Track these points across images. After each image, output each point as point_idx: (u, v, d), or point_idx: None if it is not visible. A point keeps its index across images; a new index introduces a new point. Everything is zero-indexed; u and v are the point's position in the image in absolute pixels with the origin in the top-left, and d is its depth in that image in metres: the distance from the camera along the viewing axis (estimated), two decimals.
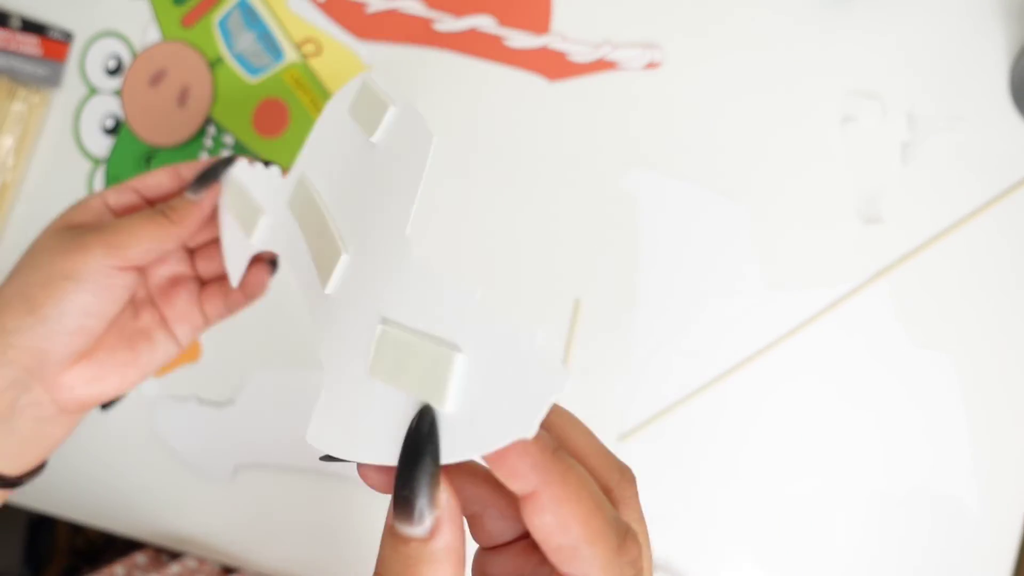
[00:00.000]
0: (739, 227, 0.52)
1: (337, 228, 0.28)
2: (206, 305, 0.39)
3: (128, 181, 0.37)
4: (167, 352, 0.38)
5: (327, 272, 0.27)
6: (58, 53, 0.57)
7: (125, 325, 0.37)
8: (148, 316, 0.38)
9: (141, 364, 0.37)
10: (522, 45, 0.54)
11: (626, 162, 0.53)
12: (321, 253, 0.28)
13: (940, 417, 0.50)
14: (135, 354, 0.37)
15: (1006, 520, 0.50)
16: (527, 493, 0.19)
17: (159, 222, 0.35)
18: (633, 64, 0.53)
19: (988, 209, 0.50)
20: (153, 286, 0.38)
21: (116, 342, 0.36)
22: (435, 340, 0.21)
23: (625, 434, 0.53)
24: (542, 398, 0.18)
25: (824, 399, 0.51)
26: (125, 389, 0.37)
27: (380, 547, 0.20)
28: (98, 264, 0.33)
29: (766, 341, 0.52)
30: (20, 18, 0.57)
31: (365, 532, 0.55)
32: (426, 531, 0.19)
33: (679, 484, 0.52)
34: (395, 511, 0.19)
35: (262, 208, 0.35)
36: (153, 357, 0.37)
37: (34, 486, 0.59)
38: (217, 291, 0.39)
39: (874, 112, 0.51)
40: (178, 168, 0.37)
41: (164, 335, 0.38)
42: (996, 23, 0.50)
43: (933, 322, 0.51)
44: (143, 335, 0.37)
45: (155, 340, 0.38)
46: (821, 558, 0.51)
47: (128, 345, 0.37)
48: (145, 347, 0.37)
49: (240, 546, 0.57)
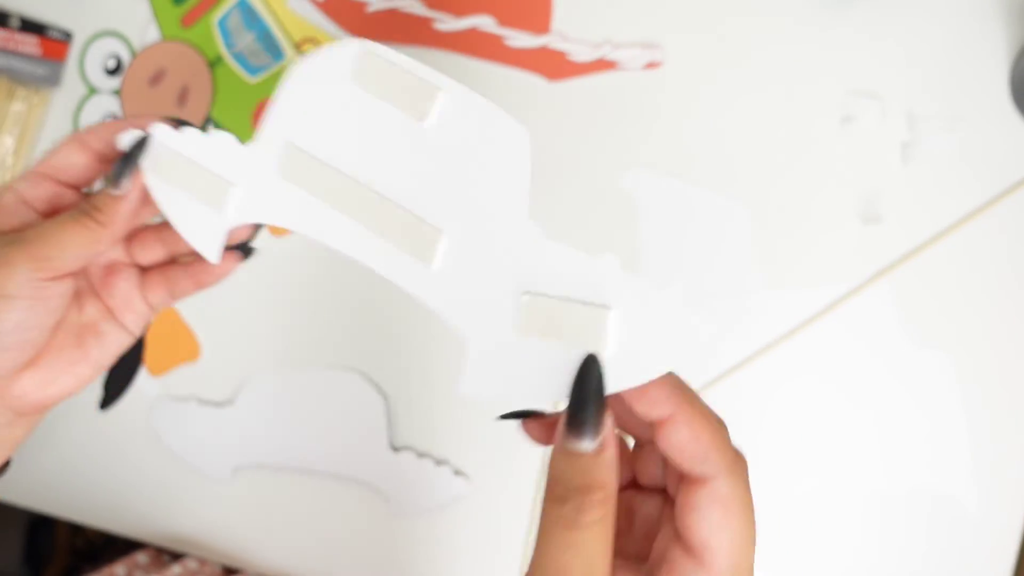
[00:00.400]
0: (739, 226, 0.52)
1: (409, 208, 0.30)
2: (148, 295, 0.37)
3: (37, 166, 0.34)
4: (119, 342, 0.36)
5: (423, 250, 0.29)
6: (58, 53, 0.57)
7: (71, 323, 0.35)
8: (93, 308, 0.36)
9: (92, 360, 0.35)
10: (522, 45, 0.54)
11: (626, 162, 0.53)
12: (397, 231, 0.30)
13: (940, 417, 0.50)
14: (84, 351, 0.35)
15: (1006, 521, 0.50)
16: (664, 418, 0.25)
17: (86, 225, 0.32)
18: (633, 64, 0.53)
19: (988, 209, 0.50)
20: (93, 277, 0.36)
21: (63, 342, 0.35)
22: (583, 302, 0.27)
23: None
24: (689, 337, 0.25)
25: (824, 399, 0.51)
26: (80, 386, 0.35)
27: (552, 464, 0.25)
28: (26, 279, 0.31)
29: (766, 341, 0.52)
30: (19, 18, 0.57)
31: (365, 532, 0.55)
32: (596, 446, 0.24)
33: None
34: (570, 433, 0.24)
35: (230, 179, 0.33)
36: (105, 351, 0.36)
37: (33, 486, 0.59)
38: (159, 280, 0.37)
39: (874, 112, 0.51)
40: (83, 139, 0.34)
41: (112, 326, 0.36)
42: (996, 23, 0.50)
43: (933, 322, 0.51)
44: (90, 330, 0.36)
45: (104, 333, 0.36)
46: (821, 558, 0.51)
47: (76, 343, 0.35)
48: (94, 342, 0.36)
49: (240, 546, 0.57)
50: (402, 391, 0.55)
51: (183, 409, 0.57)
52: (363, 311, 0.55)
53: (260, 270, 0.56)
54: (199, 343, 0.57)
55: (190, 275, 0.37)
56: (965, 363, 0.50)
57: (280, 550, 0.56)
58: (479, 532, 0.54)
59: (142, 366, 0.57)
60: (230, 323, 0.57)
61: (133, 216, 0.34)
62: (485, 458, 0.54)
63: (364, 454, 0.55)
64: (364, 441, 0.55)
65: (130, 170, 0.33)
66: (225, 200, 0.33)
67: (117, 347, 0.36)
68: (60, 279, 0.33)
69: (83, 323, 0.36)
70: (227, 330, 0.57)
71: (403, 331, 0.55)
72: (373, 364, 0.55)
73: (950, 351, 0.50)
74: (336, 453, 0.55)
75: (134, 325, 0.37)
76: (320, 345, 0.56)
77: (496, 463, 0.54)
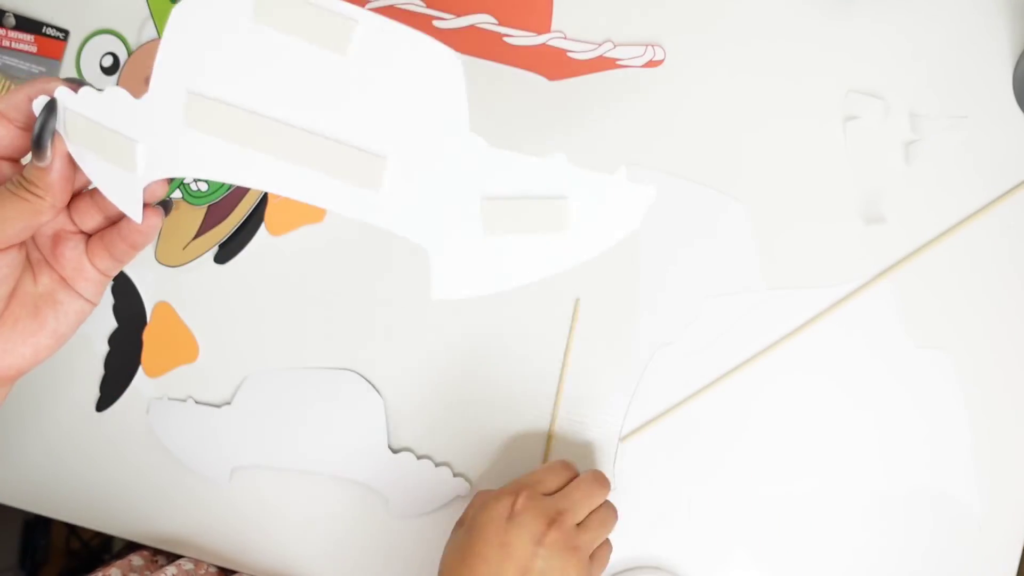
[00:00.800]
0: (740, 226, 0.52)
1: (344, 140, 0.30)
2: (94, 260, 0.37)
3: None
4: (79, 311, 0.37)
5: (369, 178, 0.30)
6: (54, 51, 0.57)
7: (27, 295, 0.36)
8: (47, 279, 0.37)
9: (50, 329, 0.36)
10: (522, 43, 0.54)
11: (626, 161, 0.53)
12: (335, 163, 0.30)
13: (942, 418, 0.50)
14: (40, 321, 0.36)
15: (1008, 522, 0.50)
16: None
17: (23, 197, 0.33)
18: (634, 62, 0.53)
19: (991, 208, 0.50)
20: (43, 248, 0.37)
21: (19, 312, 0.35)
22: (541, 198, 0.29)
23: (625, 434, 0.52)
24: (641, 202, 0.29)
25: (825, 400, 0.51)
26: (42, 356, 0.36)
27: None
28: None
29: (767, 341, 0.51)
30: (15, 15, 0.57)
31: (364, 533, 0.55)
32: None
33: (679, 484, 0.52)
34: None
35: (133, 137, 0.32)
36: (63, 320, 0.36)
37: (29, 487, 0.59)
38: (99, 244, 0.37)
39: (877, 111, 0.51)
40: (1, 111, 0.34)
41: (68, 295, 0.37)
42: (1000, 21, 0.50)
43: (935, 322, 0.50)
44: (46, 300, 0.36)
45: (60, 302, 0.36)
46: (821, 559, 0.51)
47: (32, 313, 0.36)
48: (50, 312, 0.36)
49: (237, 548, 0.56)
50: (402, 391, 0.54)
51: (181, 410, 0.56)
52: (362, 311, 0.55)
53: (259, 270, 0.56)
54: (198, 344, 0.56)
55: (122, 236, 0.36)
56: (967, 363, 0.50)
57: (278, 552, 0.56)
58: None
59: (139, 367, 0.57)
60: (229, 324, 0.56)
61: (67, 183, 0.34)
62: (485, 459, 0.54)
63: (363, 455, 0.54)
64: (363, 442, 0.54)
65: (46, 138, 0.33)
66: (134, 158, 0.32)
67: (75, 316, 0.37)
68: (5, 251, 0.34)
69: (39, 294, 0.36)
70: (226, 331, 0.56)
71: (403, 331, 0.55)
72: (372, 364, 0.55)
73: (952, 351, 0.50)
74: (335, 454, 0.55)
75: (89, 292, 0.37)
76: (319, 345, 0.55)
77: (496, 464, 0.54)
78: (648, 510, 0.52)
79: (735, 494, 0.52)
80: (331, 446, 0.55)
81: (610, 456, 0.53)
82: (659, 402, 0.52)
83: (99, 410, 0.58)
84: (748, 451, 0.52)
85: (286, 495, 0.56)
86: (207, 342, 0.57)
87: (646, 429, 0.52)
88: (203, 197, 0.55)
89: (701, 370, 0.52)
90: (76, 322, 0.37)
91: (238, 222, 0.55)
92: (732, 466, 0.52)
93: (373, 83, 0.29)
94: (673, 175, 0.53)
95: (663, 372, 0.52)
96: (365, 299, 0.55)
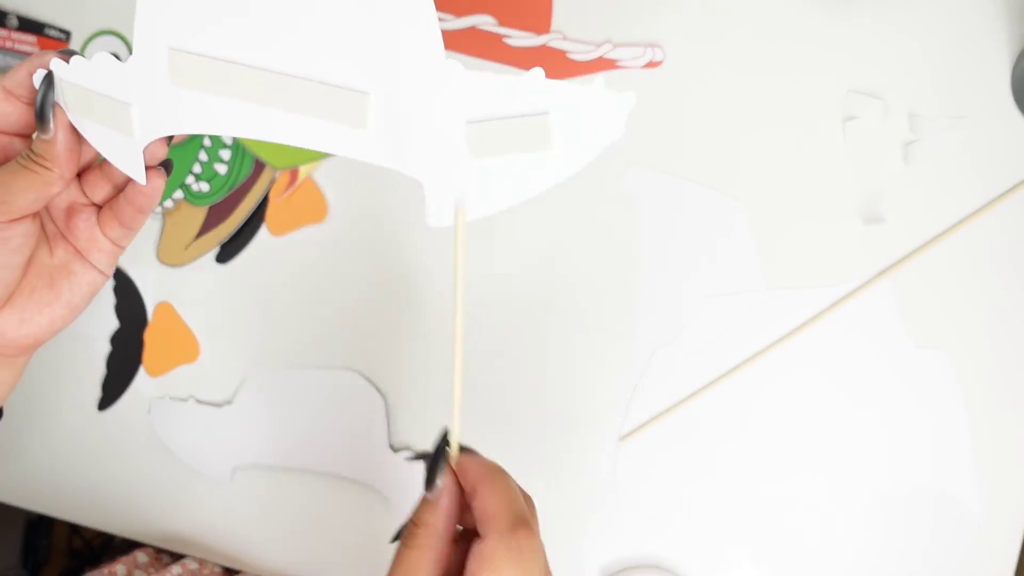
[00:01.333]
0: (740, 226, 0.52)
1: (324, 80, 0.30)
2: (105, 230, 0.38)
3: None
4: (92, 282, 0.38)
5: (353, 116, 0.30)
6: None
7: (43, 266, 0.37)
8: (62, 250, 0.38)
9: (64, 300, 0.37)
10: (522, 44, 0.54)
11: (626, 161, 0.53)
12: (319, 105, 0.30)
13: (942, 418, 0.50)
14: (56, 292, 0.37)
15: (1008, 522, 0.50)
16: (470, 492, 0.31)
17: (33, 170, 0.34)
18: (633, 63, 0.53)
19: (990, 208, 0.50)
20: (57, 220, 0.38)
21: (35, 283, 0.37)
22: (523, 115, 0.29)
23: (625, 434, 0.52)
24: (621, 110, 0.29)
25: (825, 399, 0.51)
26: (57, 327, 0.38)
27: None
28: None
29: (767, 341, 0.51)
30: (17, 16, 0.57)
31: (364, 532, 0.55)
32: (434, 497, 0.32)
33: (679, 484, 0.52)
34: (425, 486, 0.32)
35: (126, 100, 0.33)
36: (77, 291, 0.38)
37: (31, 487, 0.59)
38: (109, 214, 0.38)
39: (876, 111, 0.51)
40: (5, 87, 0.35)
41: (82, 266, 0.38)
42: (999, 22, 0.50)
43: (935, 322, 0.50)
44: (62, 271, 0.38)
45: (74, 273, 0.38)
46: (821, 559, 0.51)
47: (48, 284, 0.37)
48: (65, 283, 0.38)
49: (239, 547, 0.56)
50: (401, 391, 0.55)
51: (182, 409, 0.56)
52: (362, 311, 0.55)
53: (260, 270, 0.56)
54: (198, 343, 0.57)
55: (129, 201, 0.37)
56: (967, 363, 0.50)
57: (279, 550, 0.56)
58: None
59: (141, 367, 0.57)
60: (230, 324, 0.57)
61: (72, 154, 0.35)
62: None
63: (363, 454, 0.54)
64: (363, 441, 0.54)
65: (48, 110, 0.34)
66: (129, 121, 0.33)
67: (89, 287, 0.38)
68: (20, 221, 0.35)
69: (55, 265, 0.38)
70: (227, 331, 0.57)
71: (402, 331, 0.55)
72: (372, 364, 0.55)
73: (952, 351, 0.50)
74: (335, 453, 0.55)
75: (102, 264, 0.38)
76: (319, 345, 0.55)
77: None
78: (648, 510, 0.52)
79: (735, 494, 0.52)
80: (331, 445, 0.55)
81: (610, 456, 0.53)
82: (659, 402, 0.52)
83: (101, 409, 0.58)
84: (748, 451, 0.52)
85: (286, 494, 0.56)
86: (208, 342, 0.57)
87: (646, 429, 0.52)
88: (204, 197, 0.56)
89: (701, 370, 0.52)
90: (89, 293, 0.39)
91: (239, 222, 0.56)
92: (732, 466, 0.52)
93: (340, 19, 0.30)
94: (673, 175, 0.53)
95: (663, 372, 0.52)
96: (366, 298, 0.55)
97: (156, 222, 0.57)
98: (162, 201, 0.56)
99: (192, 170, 0.56)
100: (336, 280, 0.55)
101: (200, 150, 0.56)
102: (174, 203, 0.56)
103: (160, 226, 0.57)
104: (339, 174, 0.55)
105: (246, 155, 0.55)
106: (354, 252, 0.55)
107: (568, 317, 0.53)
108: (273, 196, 0.56)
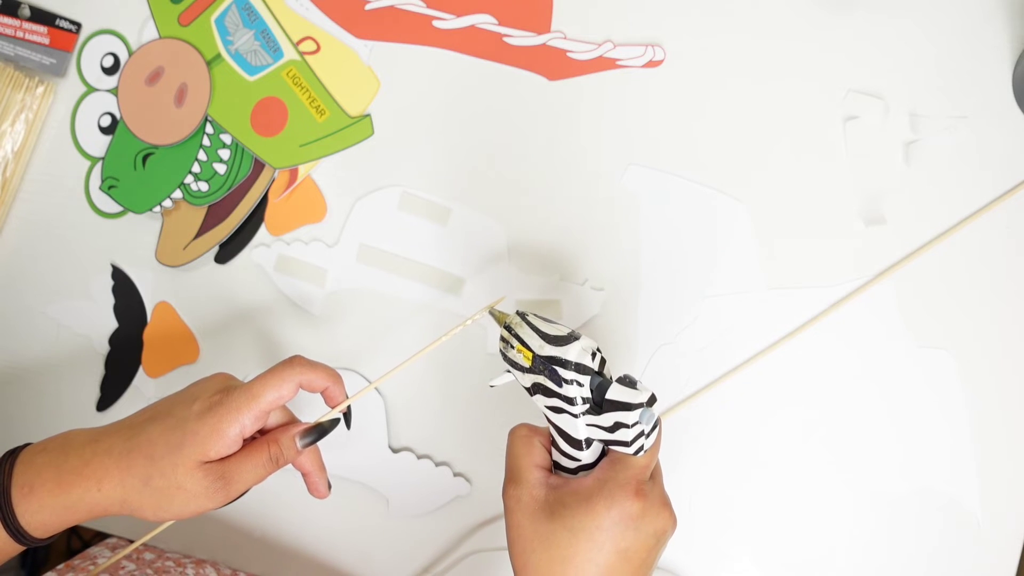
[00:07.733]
0: (741, 226, 0.52)
1: (440, 267, 0.47)
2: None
3: (259, 401, 0.41)
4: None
5: (453, 286, 0.48)
6: (66, 43, 0.57)
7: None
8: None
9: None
10: (523, 43, 0.54)
11: (627, 161, 0.53)
12: (434, 279, 0.49)
13: (943, 418, 0.50)
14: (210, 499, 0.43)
15: (1009, 522, 0.50)
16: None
17: (267, 466, 0.42)
18: (633, 62, 0.53)
19: (991, 208, 0.50)
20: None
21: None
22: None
23: None
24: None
25: (825, 399, 0.51)
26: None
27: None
28: (206, 489, 0.41)
29: (767, 341, 0.51)
30: (30, 6, 0.57)
31: (364, 533, 0.55)
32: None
33: (679, 484, 0.52)
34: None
35: (324, 268, 0.54)
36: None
37: None
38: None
39: (877, 111, 0.51)
40: (304, 381, 0.43)
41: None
42: (999, 23, 0.50)
43: (935, 322, 0.50)
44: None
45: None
46: (821, 559, 0.51)
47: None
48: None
49: (238, 546, 0.56)
50: (402, 391, 0.54)
51: None
52: (362, 311, 0.55)
53: (260, 270, 0.56)
54: (198, 344, 0.56)
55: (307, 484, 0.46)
56: (968, 364, 0.50)
57: (278, 551, 0.56)
58: (479, 532, 0.54)
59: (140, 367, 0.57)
60: (229, 324, 0.56)
61: (299, 465, 0.44)
62: (484, 459, 0.54)
63: (363, 454, 0.54)
64: (363, 441, 0.54)
65: (315, 441, 0.44)
66: (324, 280, 0.54)
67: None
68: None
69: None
70: (226, 331, 0.56)
71: (402, 331, 0.55)
72: (372, 364, 0.55)
73: (952, 351, 0.50)
74: (335, 454, 0.55)
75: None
76: (319, 346, 0.55)
77: (496, 464, 0.54)
78: None
79: (735, 494, 0.52)
80: (331, 446, 0.55)
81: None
82: (659, 402, 0.52)
83: (100, 410, 0.58)
84: (748, 451, 0.52)
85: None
86: (207, 342, 0.57)
87: None
88: (204, 197, 0.55)
89: (701, 370, 0.52)
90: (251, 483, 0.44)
91: (238, 222, 0.55)
92: (732, 466, 0.52)
93: (455, 237, 0.50)
94: (673, 175, 0.53)
95: (663, 372, 0.52)
96: (366, 299, 0.55)
97: (155, 222, 0.57)
98: (161, 201, 0.56)
99: (191, 170, 0.55)
100: (335, 280, 0.55)
101: (199, 150, 0.56)
102: (173, 203, 0.56)
103: (159, 226, 0.56)
104: (338, 173, 0.55)
105: (245, 155, 0.55)
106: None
107: (568, 317, 0.53)
108: (272, 196, 0.55)
